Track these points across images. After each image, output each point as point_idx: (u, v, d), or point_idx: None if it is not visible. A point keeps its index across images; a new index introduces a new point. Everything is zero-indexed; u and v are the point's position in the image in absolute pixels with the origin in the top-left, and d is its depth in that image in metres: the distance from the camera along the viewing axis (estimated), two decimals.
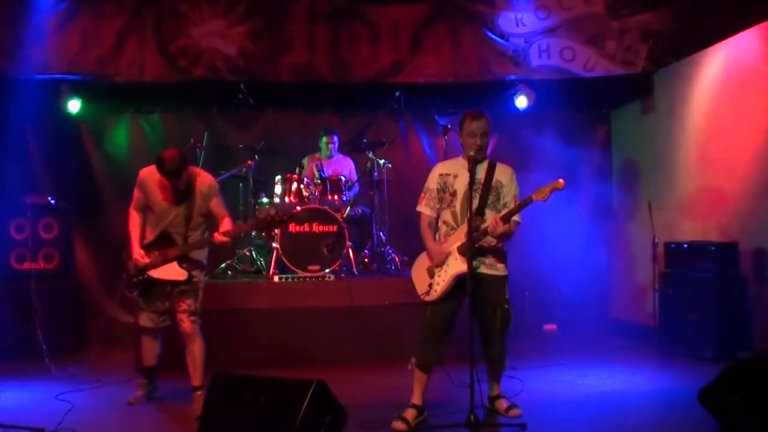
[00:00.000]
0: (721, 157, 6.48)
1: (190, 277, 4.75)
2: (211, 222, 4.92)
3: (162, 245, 4.75)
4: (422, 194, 4.53)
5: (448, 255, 4.30)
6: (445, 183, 4.43)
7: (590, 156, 8.33)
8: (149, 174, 4.78)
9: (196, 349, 4.81)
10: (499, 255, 4.41)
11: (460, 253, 4.24)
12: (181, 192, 4.72)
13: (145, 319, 4.88)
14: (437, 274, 4.32)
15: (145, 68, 6.76)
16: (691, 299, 6.27)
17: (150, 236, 4.82)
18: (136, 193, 4.85)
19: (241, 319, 6.02)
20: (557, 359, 6.31)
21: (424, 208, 4.49)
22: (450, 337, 4.40)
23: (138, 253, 4.73)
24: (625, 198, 8.09)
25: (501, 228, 4.14)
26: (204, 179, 4.82)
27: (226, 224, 4.75)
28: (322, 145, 7.48)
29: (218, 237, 4.68)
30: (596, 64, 7.02)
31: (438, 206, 4.46)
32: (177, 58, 6.79)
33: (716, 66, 6.55)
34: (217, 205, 4.83)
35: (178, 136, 7.48)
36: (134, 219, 4.85)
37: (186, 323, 4.77)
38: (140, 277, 4.75)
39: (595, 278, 8.10)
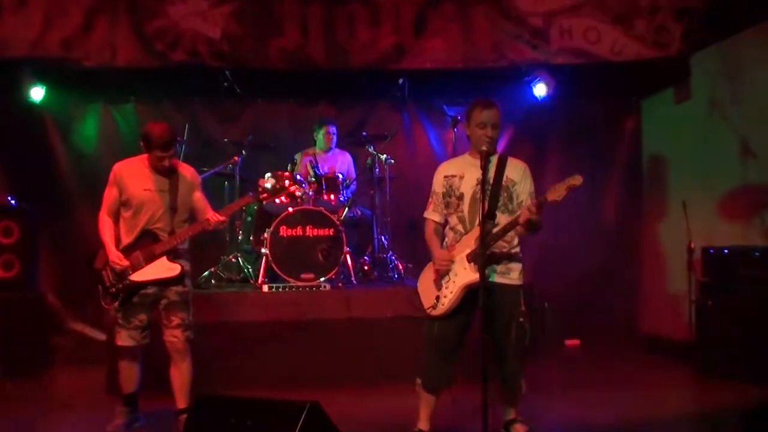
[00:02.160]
0: (767, 152, 6.44)
1: (183, 272, 4.72)
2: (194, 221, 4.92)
3: (145, 244, 4.70)
4: (429, 199, 4.50)
5: (453, 263, 4.26)
6: (450, 186, 4.39)
7: (617, 150, 8.29)
8: (126, 166, 4.82)
9: (186, 368, 4.79)
10: (514, 262, 4.36)
11: (470, 260, 4.19)
12: (166, 174, 4.76)
13: (125, 338, 4.76)
14: (445, 286, 4.28)
15: (118, 52, 6.69)
16: (733, 312, 6.19)
17: (128, 238, 4.76)
18: (111, 193, 4.80)
19: (225, 334, 5.98)
20: (581, 379, 6.27)
21: (432, 214, 4.46)
22: (459, 355, 4.36)
23: (115, 255, 4.66)
24: (656, 197, 8.04)
25: (535, 216, 4.08)
26: (186, 168, 4.93)
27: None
28: (320, 137, 7.47)
29: (213, 216, 4.69)
30: (624, 47, 6.96)
31: (445, 211, 4.42)
32: (153, 40, 6.74)
33: (762, 47, 6.51)
34: (200, 198, 4.89)
35: None
36: (107, 224, 4.79)
37: (180, 340, 4.75)
38: (121, 285, 4.67)
39: (623, 288, 8.08)
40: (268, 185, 4.83)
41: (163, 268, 4.68)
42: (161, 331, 4.80)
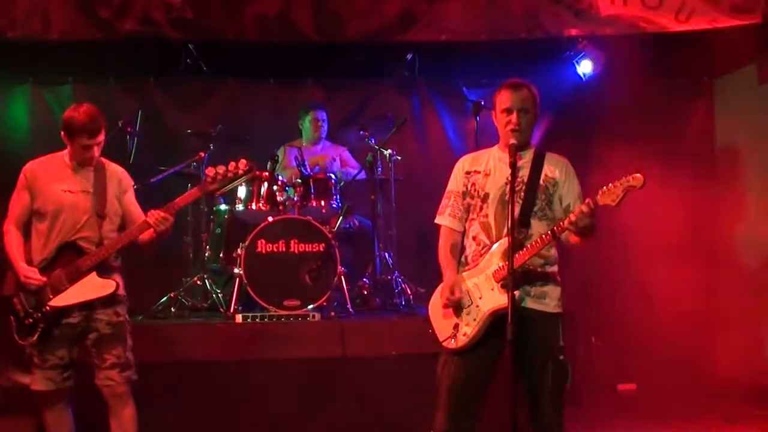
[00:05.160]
0: None
1: (118, 289, 4.70)
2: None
3: (67, 260, 4.68)
4: (443, 200, 4.51)
5: (469, 291, 4.26)
6: (473, 184, 4.39)
7: (684, 142, 8.30)
8: (40, 165, 4.85)
9: (127, 417, 4.78)
10: (550, 284, 4.36)
11: (497, 280, 4.21)
12: (91, 170, 4.80)
13: (42, 381, 4.76)
14: (466, 312, 4.28)
15: (51, 20, 6.66)
16: None
17: (43, 254, 4.74)
18: (20, 199, 4.82)
19: (188, 376, 5.99)
20: None
21: (447, 220, 4.45)
22: (482, 405, 4.36)
23: (26, 271, 4.65)
24: (733, 199, 8.02)
25: (587, 219, 4.08)
26: (115, 167, 5.00)
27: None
28: (307, 125, 7.49)
29: (154, 214, 4.63)
30: (693, 12, 6.93)
31: (465, 216, 4.44)
32: (96, 6, 6.72)
33: None
34: (133, 203, 4.93)
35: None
36: (14, 237, 4.80)
37: (117, 383, 4.74)
38: (39, 313, 4.65)
39: (691, 316, 8.04)
40: (219, 172, 4.72)
41: (93, 287, 4.66)
42: (93, 374, 4.78)
